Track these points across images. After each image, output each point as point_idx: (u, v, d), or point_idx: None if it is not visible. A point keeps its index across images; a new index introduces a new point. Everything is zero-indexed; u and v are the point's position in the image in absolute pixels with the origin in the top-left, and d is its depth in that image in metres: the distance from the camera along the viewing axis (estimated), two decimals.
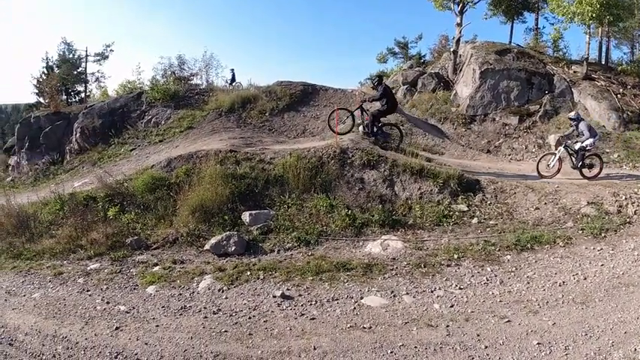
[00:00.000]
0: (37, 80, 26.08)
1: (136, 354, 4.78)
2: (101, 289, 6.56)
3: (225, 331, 5.11)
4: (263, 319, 5.32)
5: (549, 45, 21.53)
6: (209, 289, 6.23)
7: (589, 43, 17.76)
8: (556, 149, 10.90)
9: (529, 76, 16.58)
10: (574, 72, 17.41)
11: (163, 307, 5.83)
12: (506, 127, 15.23)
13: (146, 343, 4.98)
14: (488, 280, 6.00)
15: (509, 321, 4.94)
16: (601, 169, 10.09)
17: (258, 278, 6.43)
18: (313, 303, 5.63)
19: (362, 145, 9.66)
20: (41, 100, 25.34)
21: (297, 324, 5.17)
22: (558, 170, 10.10)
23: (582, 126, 10.10)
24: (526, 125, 15.18)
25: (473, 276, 6.13)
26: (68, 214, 8.91)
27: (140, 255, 7.61)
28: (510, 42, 21.97)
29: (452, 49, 19.87)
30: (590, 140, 9.92)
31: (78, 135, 16.51)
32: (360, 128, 10.58)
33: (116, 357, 4.76)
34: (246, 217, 8.15)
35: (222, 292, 6.13)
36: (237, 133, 11.96)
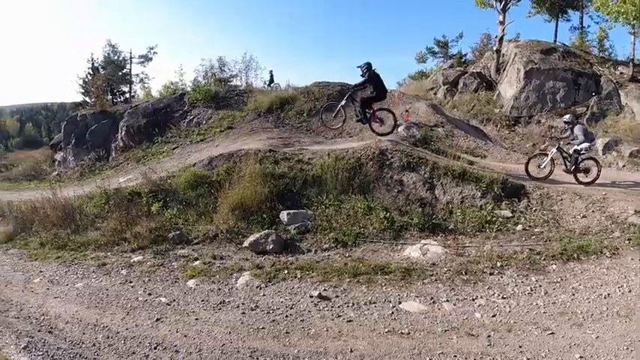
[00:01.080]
0: (83, 80, 27.35)
1: (175, 345, 4.87)
2: (143, 280, 6.77)
3: (263, 328, 5.14)
4: (300, 319, 5.32)
5: (595, 44, 20.54)
6: (247, 285, 6.31)
7: (634, 44, 16.86)
8: (548, 150, 10.49)
9: (575, 76, 15.86)
10: (620, 73, 16.54)
11: (203, 300, 5.95)
12: (552, 130, 14.56)
13: (185, 336, 5.07)
14: (532, 290, 5.74)
15: (552, 333, 4.73)
16: (598, 174, 9.51)
17: (296, 277, 6.44)
18: (350, 305, 5.57)
19: (401, 147, 9.50)
20: (87, 99, 26.53)
21: (333, 325, 5.13)
22: (550, 172, 9.73)
23: (577, 129, 9.67)
24: None
25: (516, 285, 5.88)
26: (113, 208, 9.29)
27: (181, 249, 7.82)
28: (555, 41, 21.07)
29: (495, 48, 19.27)
30: (586, 144, 9.55)
31: (123, 133, 17.21)
32: (354, 117, 10.42)
33: (156, 348, 4.86)
34: (284, 216, 8.19)
35: (260, 289, 6.18)
36: (276, 133, 12.08)
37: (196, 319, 5.46)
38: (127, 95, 28.11)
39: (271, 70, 21.06)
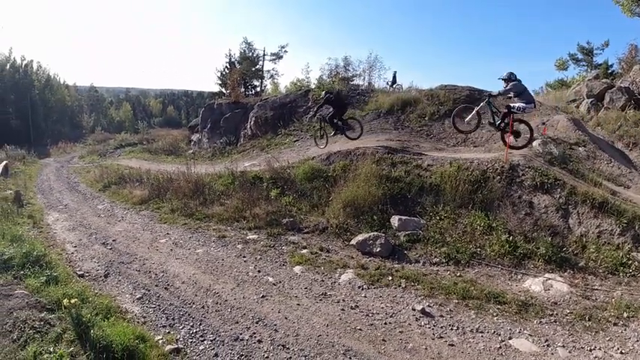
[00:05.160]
0: (221, 73, 30.42)
1: (275, 325, 5.07)
2: (255, 258, 7.21)
3: (360, 329, 5.05)
4: (399, 329, 5.10)
5: None
6: (349, 283, 6.27)
7: None
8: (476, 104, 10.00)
9: None
10: None
11: (306, 288, 6.10)
12: None
13: (286, 318, 5.24)
14: None
15: None
16: (530, 140, 9.21)
17: (399, 286, 6.20)
18: (455, 328, 5.17)
19: (536, 164, 8.49)
20: (223, 90, 29.44)
21: (433, 345, 4.81)
22: (477, 126, 9.72)
23: (511, 84, 8.89)
24: None
25: (638, 341, 4.96)
26: (237, 188, 10.18)
27: (292, 236, 8.16)
28: None
29: None
30: (521, 104, 8.84)
31: (252, 123, 18.66)
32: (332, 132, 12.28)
33: (257, 322, 5.12)
34: (394, 220, 7.96)
35: (362, 289, 6.09)
36: (394, 135, 11.81)
37: (298, 304, 5.61)
38: (258, 89, 30.42)
39: (395, 71, 20.72)
